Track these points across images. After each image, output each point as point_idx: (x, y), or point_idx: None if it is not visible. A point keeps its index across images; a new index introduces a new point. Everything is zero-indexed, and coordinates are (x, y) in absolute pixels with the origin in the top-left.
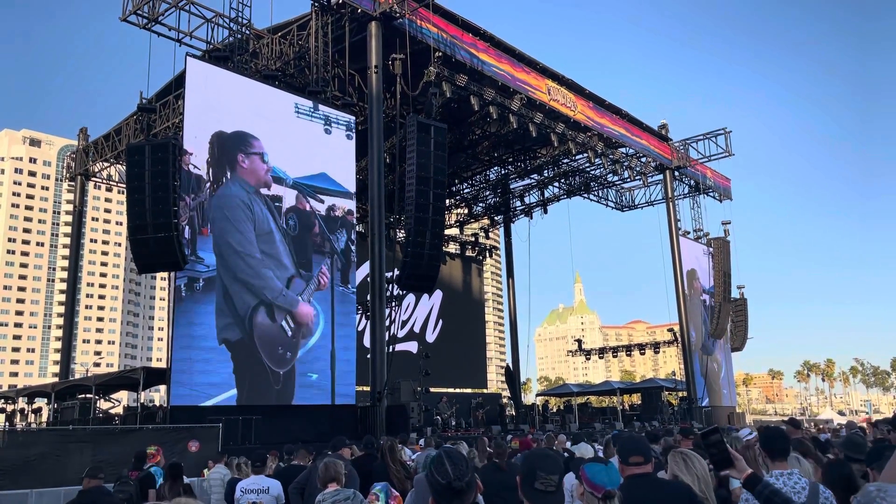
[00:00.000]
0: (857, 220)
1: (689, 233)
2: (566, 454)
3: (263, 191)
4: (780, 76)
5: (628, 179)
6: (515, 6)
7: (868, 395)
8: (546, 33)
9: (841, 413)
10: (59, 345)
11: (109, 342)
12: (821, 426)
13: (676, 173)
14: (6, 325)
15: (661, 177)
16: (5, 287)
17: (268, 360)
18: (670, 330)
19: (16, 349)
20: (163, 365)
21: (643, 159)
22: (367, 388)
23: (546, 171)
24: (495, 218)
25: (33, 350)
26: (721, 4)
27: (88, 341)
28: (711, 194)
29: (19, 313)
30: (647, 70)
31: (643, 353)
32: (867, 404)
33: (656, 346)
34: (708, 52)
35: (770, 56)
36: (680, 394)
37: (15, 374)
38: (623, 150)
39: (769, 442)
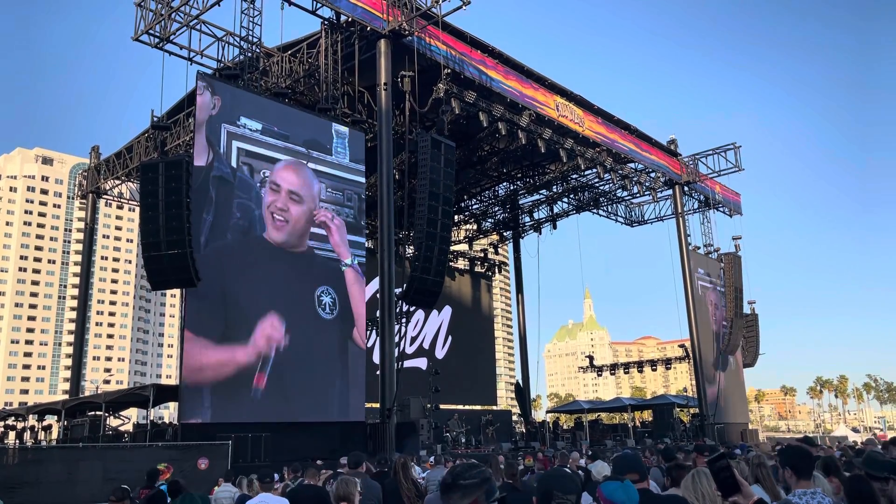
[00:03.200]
0: (869, 234)
1: (699, 248)
2: (581, 472)
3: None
4: (789, 89)
5: (638, 195)
6: (523, 23)
7: (882, 411)
8: (554, 50)
9: (855, 430)
10: (69, 362)
11: (119, 359)
12: (839, 443)
13: (686, 188)
14: (17, 342)
15: (670, 192)
16: (17, 304)
17: (276, 376)
18: (681, 346)
19: (26, 366)
20: (172, 382)
21: (652, 175)
22: (377, 405)
23: (555, 187)
24: (504, 234)
25: (44, 367)
26: (729, 20)
27: (99, 358)
28: (721, 209)
29: (30, 330)
30: (655, 85)
31: (654, 370)
32: (881, 421)
33: (667, 363)
34: (717, 68)
35: (778, 69)
36: (692, 410)
37: (25, 391)
38: (632, 165)
39: (794, 460)
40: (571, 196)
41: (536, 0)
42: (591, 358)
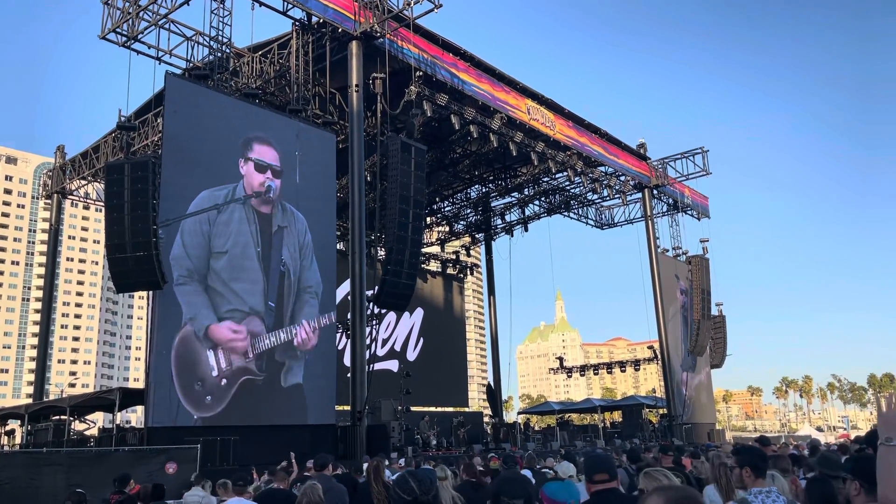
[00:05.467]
0: (833, 236)
1: (667, 250)
2: (551, 472)
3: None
4: (759, 92)
5: (608, 198)
6: (493, 26)
7: (845, 410)
8: (524, 54)
9: (819, 429)
10: (33, 365)
11: (85, 362)
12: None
13: (655, 192)
14: None
15: (639, 195)
16: None
17: (245, 379)
18: (650, 347)
19: None
20: (140, 385)
21: (622, 178)
22: (348, 408)
23: (526, 190)
24: (476, 236)
25: (7, 371)
26: (699, 23)
27: (64, 361)
28: (690, 212)
29: None
30: (625, 88)
31: (624, 371)
32: (844, 420)
33: (636, 364)
34: (686, 71)
35: (749, 70)
36: (660, 411)
37: None
38: (602, 168)
39: (753, 459)
40: (543, 199)
41: (506, 5)
42: (561, 359)
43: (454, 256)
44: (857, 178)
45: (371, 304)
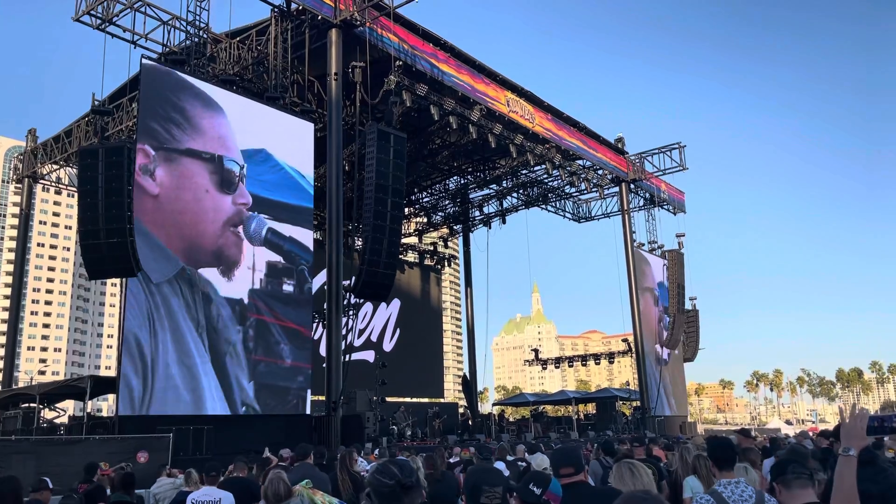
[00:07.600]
0: (801, 233)
1: (643, 245)
2: (523, 464)
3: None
4: (736, 86)
5: (585, 191)
6: (472, 19)
7: (814, 404)
8: (504, 47)
9: (788, 422)
10: (1, 352)
11: (56, 349)
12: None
13: (632, 186)
14: None
15: (617, 189)
16: None
17: (217, 367)
18: (625, 340)
19: None
20: (112, 373)
21: (600, 172)
22: (323, 398)
23: (505, 182)
24: (454, 227)
25: None
26: (680, 18)
27: (34, 348)
28: (666, 207)
29: None
30: (604, 82)
31: (598, 363)
32: (813, 414)
33: (611, 356)
34: (666, 66)
35: (728, 66)
36: (634, 403)
37: None
38: (580, 162)
39: (717, 452)
40: (521, 191)
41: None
42: (536, 351)
43: (432, 248)
44: (832, 178)
45: (348, 294)
